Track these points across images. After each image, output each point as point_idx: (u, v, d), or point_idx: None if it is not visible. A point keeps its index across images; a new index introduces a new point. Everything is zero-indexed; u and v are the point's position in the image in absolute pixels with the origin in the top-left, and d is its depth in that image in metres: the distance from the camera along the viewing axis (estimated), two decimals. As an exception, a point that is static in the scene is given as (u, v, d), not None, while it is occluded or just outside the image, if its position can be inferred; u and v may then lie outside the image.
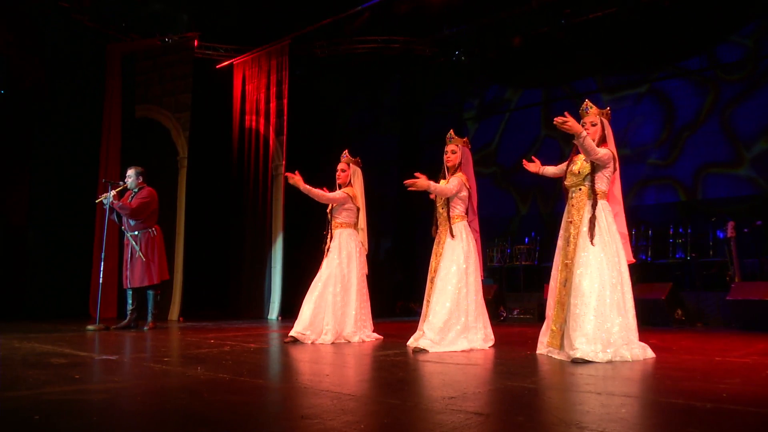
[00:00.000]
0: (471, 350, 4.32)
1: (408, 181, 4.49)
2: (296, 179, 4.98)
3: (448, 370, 3.36)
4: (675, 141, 8.54)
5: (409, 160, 10.12)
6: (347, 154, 5.37)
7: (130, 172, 6.26)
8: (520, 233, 9.55)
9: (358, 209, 5.29)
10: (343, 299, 5.06)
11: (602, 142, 4.05)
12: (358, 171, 5.38)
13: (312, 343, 4.83)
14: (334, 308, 4.98)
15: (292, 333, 4.87)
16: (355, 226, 5.29)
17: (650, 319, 6.71)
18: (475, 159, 10.39)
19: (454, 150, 4.73)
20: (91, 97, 8.51)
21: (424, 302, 4.65)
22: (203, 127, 8.84)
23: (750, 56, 7.99)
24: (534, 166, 4.62)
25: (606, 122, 4.09)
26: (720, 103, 8.21)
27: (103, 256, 6.27)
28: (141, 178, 6.28)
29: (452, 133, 4.77)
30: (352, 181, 5.33)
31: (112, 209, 6.09)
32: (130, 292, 6.19)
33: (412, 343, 4.51)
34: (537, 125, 9.77)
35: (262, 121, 8.99)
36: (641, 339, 3.90)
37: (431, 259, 4.74)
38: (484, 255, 9.87)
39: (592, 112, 4.09)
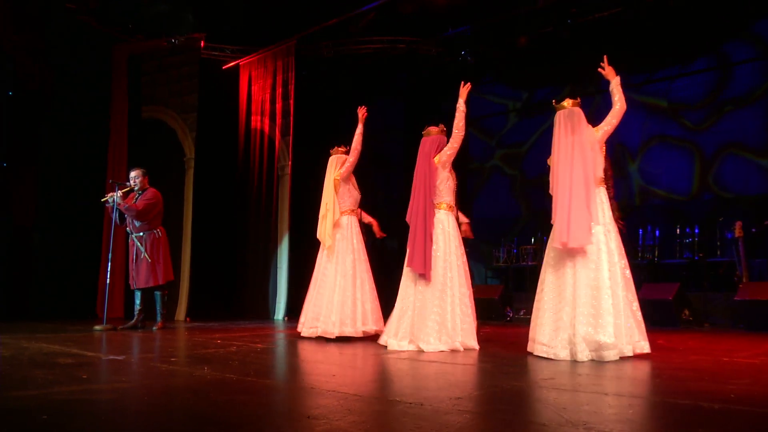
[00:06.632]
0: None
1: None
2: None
3: (454, 371, 3.35)
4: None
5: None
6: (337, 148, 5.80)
7: (134, 174, 6.28)
8: (527, 233, 9.52)
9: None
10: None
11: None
12: (338, 159, 5.79)
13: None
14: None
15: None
16: (352, 212, 5.55)
17: (657, 319, 6.68)
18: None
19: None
20: (97, 98, 8.54)
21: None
22: (210, 128, 8.85)
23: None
24: None
25: (579, 110, 4.08)
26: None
27: (110, 257, 6.30)
28: (145, 180, 6.30)
29: (427, 127, 4.86)
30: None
31: (115, 209, 6.10)
32: (139, 293, 6.21)
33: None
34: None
35: (267, 121, 9.00)
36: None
37: None
38: (489, 255, 9.87)
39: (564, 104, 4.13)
